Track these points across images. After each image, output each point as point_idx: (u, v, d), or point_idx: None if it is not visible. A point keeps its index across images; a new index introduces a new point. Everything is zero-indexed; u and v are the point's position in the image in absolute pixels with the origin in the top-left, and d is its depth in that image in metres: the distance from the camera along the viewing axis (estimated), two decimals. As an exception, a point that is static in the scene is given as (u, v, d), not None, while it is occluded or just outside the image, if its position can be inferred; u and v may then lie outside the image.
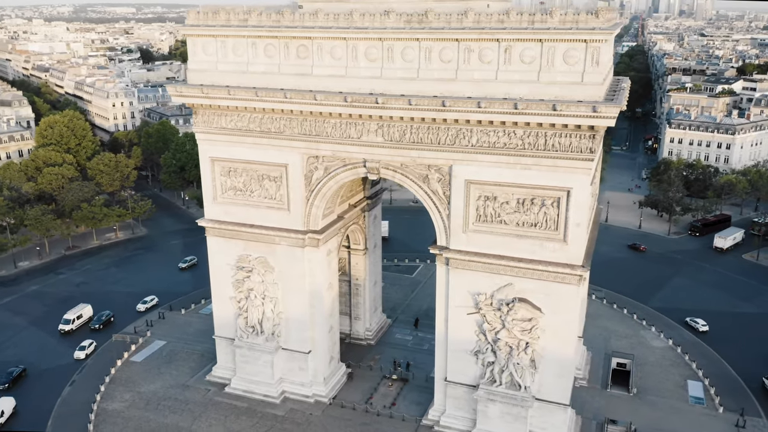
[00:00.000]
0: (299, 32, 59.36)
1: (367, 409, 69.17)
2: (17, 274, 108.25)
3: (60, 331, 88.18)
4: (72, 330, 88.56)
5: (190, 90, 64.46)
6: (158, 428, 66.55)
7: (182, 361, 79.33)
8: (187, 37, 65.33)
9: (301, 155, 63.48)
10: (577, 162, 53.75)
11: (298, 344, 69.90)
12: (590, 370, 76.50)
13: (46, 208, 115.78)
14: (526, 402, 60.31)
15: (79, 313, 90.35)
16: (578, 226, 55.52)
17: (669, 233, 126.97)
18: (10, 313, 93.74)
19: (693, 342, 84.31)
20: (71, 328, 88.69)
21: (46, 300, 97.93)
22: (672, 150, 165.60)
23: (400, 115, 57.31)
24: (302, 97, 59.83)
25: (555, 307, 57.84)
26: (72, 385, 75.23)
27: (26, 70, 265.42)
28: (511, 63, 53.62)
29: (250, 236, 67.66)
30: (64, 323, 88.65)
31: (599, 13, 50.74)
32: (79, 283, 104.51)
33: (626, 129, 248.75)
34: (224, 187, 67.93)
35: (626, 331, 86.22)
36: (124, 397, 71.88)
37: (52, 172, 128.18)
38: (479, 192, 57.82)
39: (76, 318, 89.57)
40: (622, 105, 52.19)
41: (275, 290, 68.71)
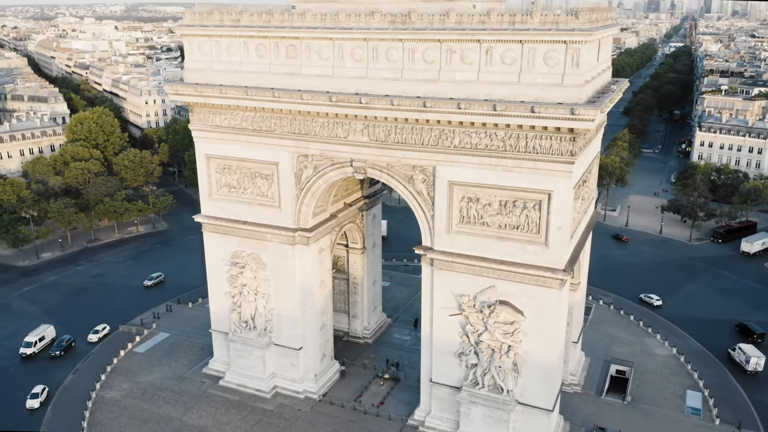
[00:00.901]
0: (288, 32, 60.15)
1: (355, 407, 69.61)
2: (39, 264, 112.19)
3: (21, 354, 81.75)
4: (34, 353, 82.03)
5: (185, 89, 65.97)
6: (150, 418, 68.28)
7: (183, 353, 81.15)
8: (183, 36, 66.77)
9: (291, 154, 64.28)
10: (558, 165, 53.07)
11: (289, 340, 70.80)
12: (586, 376, 75.34)
13: (69, 202, 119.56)
14: (507, 406, 59.86)
15: (42, 335, 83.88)
16: (560, 230, 54.83)
17: (690, 239, 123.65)
18: (27, 302, 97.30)
19: (698, 351, 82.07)
20: (33, 351, 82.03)
21: (62, 290, 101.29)
22: (702, 154, 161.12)
23: (383, 116, 57.54)
24: (290, 97, 60.63)
25: (537, 311, 57.27)
26: (75, 373, 77.75)
27: (68, 67, 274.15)
28: (493, 64, 53.30)
29: (243, 233, 68.85)
30: (25, 346, 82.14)
31: (579, 14, 50.00)
32: (95, 274, 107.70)
33: (662, 132, 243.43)
34: (219, 184, 69.29)
35: (630, 338, 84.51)
36: (123, 387, 73.97)
37: (78, 166, 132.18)
38: (462, 193, 57.62)
39: (38, 340, 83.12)
40: (602, 107, 51.33)
41: (267, 286, 69.74)
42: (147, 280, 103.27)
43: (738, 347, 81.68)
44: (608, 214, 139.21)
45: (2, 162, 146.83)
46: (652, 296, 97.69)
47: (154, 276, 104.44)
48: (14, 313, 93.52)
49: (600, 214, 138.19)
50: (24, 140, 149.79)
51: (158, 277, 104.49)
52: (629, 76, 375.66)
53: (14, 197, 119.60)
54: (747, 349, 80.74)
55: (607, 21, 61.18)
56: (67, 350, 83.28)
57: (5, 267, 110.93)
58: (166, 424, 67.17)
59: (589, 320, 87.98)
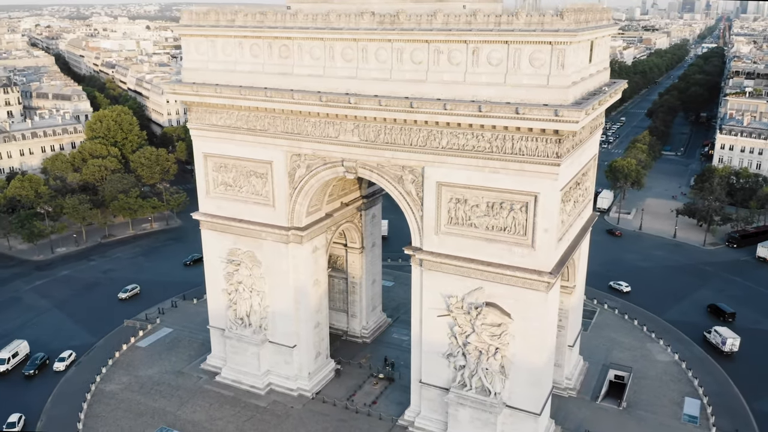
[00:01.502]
0: (280, 32, 60.66)
1: (347, 406, 69.87)
2: (53, 259, 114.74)
3: None
4: (8, 371, 78.12)
5: (182, 88, 66.96)
6: (146, 411, 69.44)
7: (183, 348, 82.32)
8: (182, 36, 67.76)
9: (284, 153, 64.81)
10: (544, 166, 52.64)
11: (283, 338, 71.37)
12: (583, 380, 74.49)
13: (85, 198, 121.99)
14: (494, 408, 59.55)
15: (15, 350, 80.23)
16: (546, 232, 54.38)
17: (704, 244, 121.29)
18: (37, 295, 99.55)
19: (701, 358, 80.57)
20: (6, 368, 78.11)
21: (73, 285, 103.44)
22: (722, 157, 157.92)
23: (372, 116, 57.70)
24: (282, 96, 61.15)
25: (524, 314, 56.89)
26: (78, 365, 79.34)
27: (96, 66, 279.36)
28: (479, 65, 53.09)
29: (239, 230, 69.61)
30: None
31: (564, 15, 49.55)
32: (107, 270, 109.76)
33: (687, 134, 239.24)
34: (216, 182, 70.15)
35: (632, 343, 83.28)
36: (122, 380, 75.32)
37: (95, 163, 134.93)
38: (450, 194, 57.49)
39: (11, 357, 79.23)
40: (587, 109, 50.72)
41: (262, 284, 70.40)
42: (122, 293, 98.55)
43: (714, 330, 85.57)
44: (623, 217, 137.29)
45: (24, 158, 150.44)
46: (621, 283, 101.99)
47: (128, 288, 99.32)
48: (23, 306, 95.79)
49: (614, 218, 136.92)
50: (45, 137, 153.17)
51: (133, 289, 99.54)
52: (658, 77, 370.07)
53: (32, 193, 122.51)
54: (722, 331, 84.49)
55: (601, 21, 60.47)
56: (41, 368, 78.74)
57: (21, 261, 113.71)
58: (160, 417, 68.24)
59: (592, 324, 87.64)
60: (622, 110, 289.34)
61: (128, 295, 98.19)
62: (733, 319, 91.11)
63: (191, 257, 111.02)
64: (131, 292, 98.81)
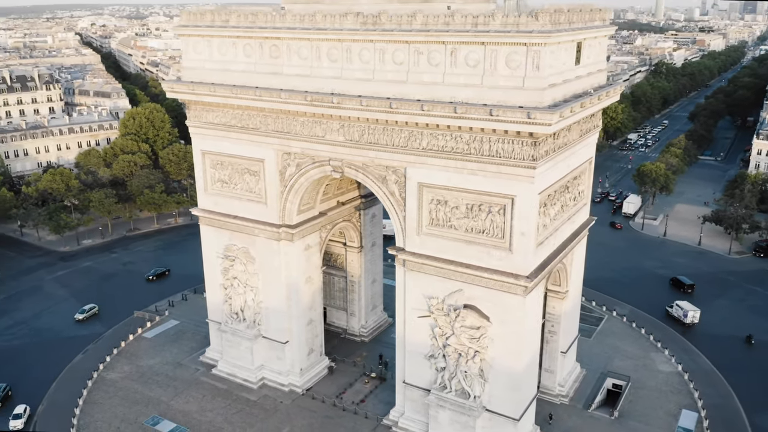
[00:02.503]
0: (270, 33, 61.64)
1: (335, 404, 70.42)
2: (78, 250, 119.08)
3: None
4: None
5: (180, 86, 68.79)
6: (141, 399, 71.52)
7: (187, 340, 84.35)
8: (180, 36, 69.52)
9: (275, 151, 65.79)
10: (520, 169, 52.04)
11: (276, 334, 72.41)
12: (578, 388, 73.12)
13: (111, 192, 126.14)
14: (473, 412, 59.14)
15: None
16: (523, 236, 53.73)
17: (730, 252, 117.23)
18: (58, 285, 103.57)
19: (707, 370, 78.05)
20: None
21: (92, 276, 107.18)
22: (759, 163, 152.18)
23: (355, 116, 58.08)
24: (271, 96, 62.10)
25: (502, 317, 56.37)
26: (85, 353, 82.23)
27: (142, 64, 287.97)
28: (457, 66, 52.84)
29: (234, 227, 70.97)
30: None
31: (539, 16, 48.86)
32: (126, 262, 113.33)
33: (730, 139, 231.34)
34: (213, 179, 71.69)
35: (636, 351, 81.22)
36: (124, 369, 77.72)
37: (126, 159, 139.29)
38: (431, 195, 57.39)
39: None
40: (561, 112, 49.79)
41: (256, 280, 71.61)
42: (78, 314, 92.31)
43: (675, 304, 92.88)
44: (648, 222, 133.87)
45: (61, 153, 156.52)
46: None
47: (86, 309, 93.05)
48: (43, 295, 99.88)
49: (639, 224, 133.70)
50: (82, 133, 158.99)
51: (91, 309, 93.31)
52: (709, 80, 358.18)
53: (63, 186, 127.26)
54: (683, 305, 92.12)
55: (592, 22, 59.29)
56: (4, 401, 73.62)
57: (47, 251, 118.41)
58: (154, 406, 70.19)
59: (597, 331, 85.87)
60: (666, 113, 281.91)
61: (85, 316, 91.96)
62: (692, 290, 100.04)
63: (154, 271, 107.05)
64: (88, 313, 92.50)
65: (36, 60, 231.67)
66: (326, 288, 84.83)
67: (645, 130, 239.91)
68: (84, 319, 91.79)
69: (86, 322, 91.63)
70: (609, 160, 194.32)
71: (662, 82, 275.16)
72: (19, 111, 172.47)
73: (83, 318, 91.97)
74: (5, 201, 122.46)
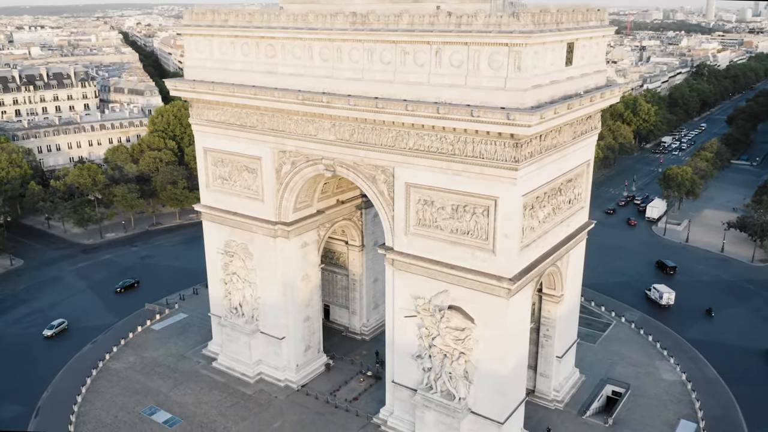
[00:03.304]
0: (265, 32, 62.52)
1: (328, 401, 70.99)
2: (100, 243, 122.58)
3: None
4: None
5: (182, 85, 70.25)
6: (141, 389, 73.35)
7: (192, 334, 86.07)
8: (184, 36, 71.04)
9: (271, 149, 66.67)
10: (502, 171, 51.67)
11: (273, 330, 73.36)
12: (575, 394, 72.05)
13: (134, 187, 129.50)
14: (457, 413, 58.94)
15: None
16: (506, 237, 53.33)
17: (753, 260, 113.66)
18: (77, 276, 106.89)
19: (712, 380, 75.97)
20: None
21: (111, 268, 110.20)
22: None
23: (344, 115, 58.50)
24: (265, 94, 62.98)
25: (486, 319, 56.08)
26: (94, 343, 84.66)
27: (180, 63, 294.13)
28: (442, 66, 52.74)
29: (233, 223, 72.18)
30: None
31: (520, 16, 48.43)
32: (144, 256, 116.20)
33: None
34: (214, 175, 73.03)
35: (640, 359, 79.53)
36: (129, 360, 79.79)
37: (151, 155, 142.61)
38: (419, 195, 57.42)
39: None
40: (542, 113, 49.16)
41: (254, 276, 72.65)
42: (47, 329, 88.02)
43: (653, 287, 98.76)
44: (671, 227, 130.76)
45: (92, 149, 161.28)
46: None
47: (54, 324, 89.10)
48: (62, 286, 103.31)
49: (661, 228, 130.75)
50: (113, 129, 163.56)
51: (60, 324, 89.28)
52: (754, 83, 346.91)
53: (89, 181, 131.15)
54: (660, 287, 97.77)
55: (588, 22, 58.45)
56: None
57: (72, 244, 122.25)
58: (152, 396, 71.90)
59: (603, 337, 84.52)
60: (705, 116, 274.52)
61: (54, 332, 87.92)
62: (674, 272, 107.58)
63: (122, 283, 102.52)
64: (57, 329, 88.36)
65: (76, 58, 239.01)
66: (329, 285, 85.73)
67: (681, 133, 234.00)
68: (53, 335, 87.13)
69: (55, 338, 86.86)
70: (639, 163, 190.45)
71: (702, 84, 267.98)
72: (55, 107, 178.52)
73: (51, 334, 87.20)
74: (34, 194, 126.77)
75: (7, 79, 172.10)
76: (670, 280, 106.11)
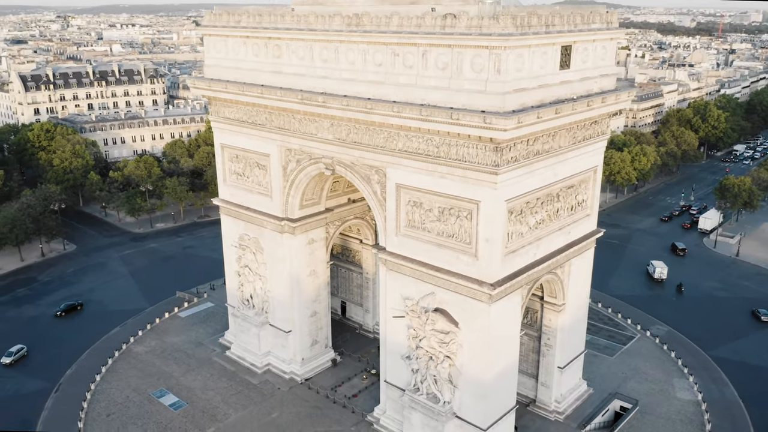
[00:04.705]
0: (272, 33, 64.31)
1: (328, 395, 72.10)
2: (149, 233, 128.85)
3: None
4: None
5: (200, 83, 73.18)
6: (156, 373, 76.92)
7: (214, 322, 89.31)
8: (204, 36, 73.91)
9: (278, 147, 68.44)
10: (483, 175, 51.16)
11: (281, 323, 75.20)
12: (579, 406, 70.03)
13: (184, 180, 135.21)
14: (441, 417, 58.73)
15: None
16: (488, 242, 52.74)
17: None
18: (121, 262, 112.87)
19: (731, 401, 72.04)
20: None
21: (153, 256, 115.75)
22: None
23: (339, 115, 59.43)
24: (271, 93, 64.78)
25: (469, 324, 55.63)
26: (123, 326, 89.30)
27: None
28: (428, 68, 52.73)
29: (246, 217, 74.53)
30: None
31: (500, 19, 47.79)
32: (187, 246, 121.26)
33: None
34: (230, 171, 75.65)
35: (657, 375, 76.37)
36: (150, 344, 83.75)
37: (205, 150, 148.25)
38: (408, 197, 57.62)
39: None
40: (519, 117, 48.31)
41: (264, 269, 74.76)
42: (5, 357, 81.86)
43: (650, 263, 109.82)
44: (722, 240, 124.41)
45: (155, 142, 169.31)
46: None
47: (13, 351, 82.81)
48: (105, 271, 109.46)
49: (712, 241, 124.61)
50: (174, 125, 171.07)
51: (20, 351, 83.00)
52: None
53: (145, 173, 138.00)
54: (656, 263, 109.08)
55: (590, 24, 56.72)
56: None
57: (123, 232, 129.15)
58: (164, 380, 75.26)
59: (622, 351, 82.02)
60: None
61: (12, 359, 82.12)
62: (684, 254, 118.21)
63: (64, 305, 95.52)
64: (16, 356, 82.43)
65: (152, 56, 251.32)
66: (345, 283, 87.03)
67: (756, 141, 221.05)
68: (11, 363, 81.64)
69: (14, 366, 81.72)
70: (705, 172, 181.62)
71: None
72: (125, 102, 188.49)
73: (10, 362, 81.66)
74: (93, 184, 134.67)
75: (82, 75, 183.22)
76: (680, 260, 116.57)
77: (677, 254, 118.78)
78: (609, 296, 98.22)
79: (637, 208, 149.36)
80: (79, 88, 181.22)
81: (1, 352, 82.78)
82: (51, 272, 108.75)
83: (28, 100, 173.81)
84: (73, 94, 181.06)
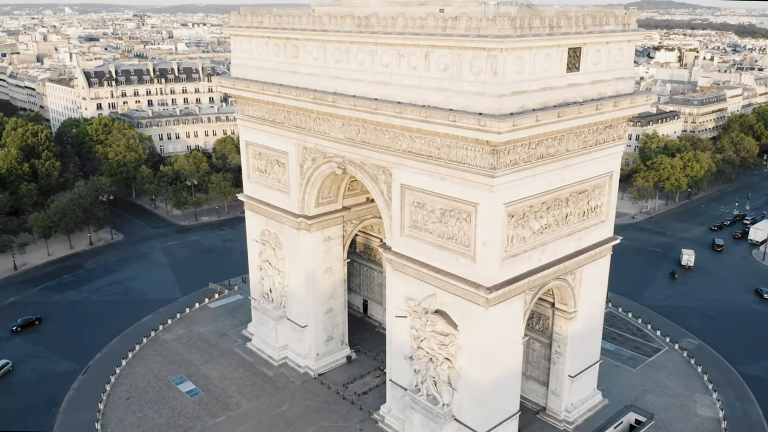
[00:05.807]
0: (290, 33, 65.79)
1: (338, 391, 73.04)
2: (193, 225, 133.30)
3: None
4: None
5: (226, 81, 75.40)
6: (178, 360, 79.81)
7: (240, 314, 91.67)
8: (231, 36, 76.09)
9: (295, 145, 69.86)
10: (480, 177, 50.91)
11: (298, 318, 76.68)
12: (591, 417, 68.45)
13: (228, 176, 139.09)
14: (440, 419, 58.70)
15: None
16: (485, 245, 52.42)
17: None
18: (163, 253, 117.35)
19: (754, 422, 68.70)
20: None
21: (194, 248, 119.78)
22: None
23: (347, 115, 60.21)
24: (287, 93, 66.23)
25: (469, 327, 55.46)
26: (154, 314, 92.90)
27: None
28: (431, 70, 52.90)
29: (268, 213, 76.39)
30: None
31: (497, 20, 47.42)
32: (227, 240, 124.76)
33: None
34: (253, 168, 77.66)
35: (679, 390, 73.69)
36: (178, 332, 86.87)
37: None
38: (412, 197, 57.88)
39: None
40: (515, 120, 47.79)
41: (282, 265, 76.42)
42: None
43: (682, 251, 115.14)
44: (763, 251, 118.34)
45: (207, 138, 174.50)
46: None
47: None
48: (148, 261, 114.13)
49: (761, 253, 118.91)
50: (227, 121, 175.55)
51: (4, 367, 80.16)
52: None
53: (194, 168, 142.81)
54: (685, 251, 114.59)
55: (602, 26, 55.46)
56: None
57: (169, 224, 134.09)
58: (185, 367, 78.00)
59: (646, 363, 79.81)
60: None
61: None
62: (722, 249, 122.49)
63: (21, 320, 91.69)
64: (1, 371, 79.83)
65: (214, 54, 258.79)
66: (367, 281, 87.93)
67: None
68: None
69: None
70: (765, 181, 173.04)
71: None
72: (183, 99, 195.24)
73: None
74: (143, 177, 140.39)
75: (143, 72, 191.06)
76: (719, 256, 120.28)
77: (714, 249, 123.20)
78: (642, 306, 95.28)
79: (686, 216, 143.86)
80: (139, 84, 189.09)
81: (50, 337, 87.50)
82: (96, 260, 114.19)
83: (91, 96, 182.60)
84: (134, 91, 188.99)
